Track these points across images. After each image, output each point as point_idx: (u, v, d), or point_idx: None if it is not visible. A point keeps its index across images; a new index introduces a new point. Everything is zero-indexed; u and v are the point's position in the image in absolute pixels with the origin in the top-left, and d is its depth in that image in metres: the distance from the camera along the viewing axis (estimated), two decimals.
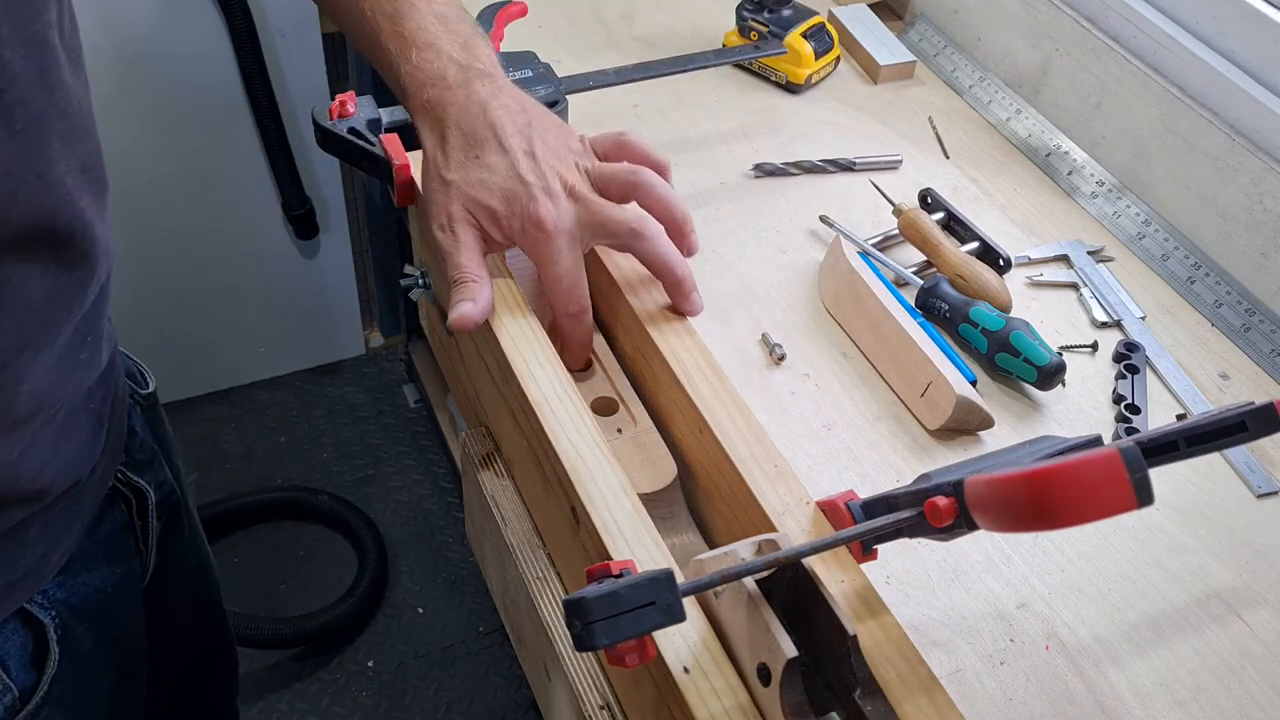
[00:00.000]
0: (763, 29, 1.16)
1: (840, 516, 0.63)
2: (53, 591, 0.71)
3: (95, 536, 0.75)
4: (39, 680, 0.70)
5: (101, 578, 0.76)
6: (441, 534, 1.99)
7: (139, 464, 0.82)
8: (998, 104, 1.16)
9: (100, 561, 0.76)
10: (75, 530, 0.72)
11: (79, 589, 0.73)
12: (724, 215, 1.02)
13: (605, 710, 0.69)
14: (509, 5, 1.06)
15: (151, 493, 0.82)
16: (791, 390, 0.87)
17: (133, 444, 0.81)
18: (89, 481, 0.72)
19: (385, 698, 1.78)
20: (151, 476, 0.83)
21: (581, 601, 0.51)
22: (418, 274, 0.90)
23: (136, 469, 0.81)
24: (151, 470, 0.84)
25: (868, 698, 0.53)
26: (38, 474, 0.65)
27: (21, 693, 0.69)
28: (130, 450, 0.80)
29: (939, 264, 0.95)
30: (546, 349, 0.74)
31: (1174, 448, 0.54)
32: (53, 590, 0.71)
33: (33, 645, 0.70)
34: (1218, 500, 0.82)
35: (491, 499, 0.82)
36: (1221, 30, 0.98)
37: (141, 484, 0.81)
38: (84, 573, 0.74)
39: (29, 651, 0.69)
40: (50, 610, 0.71)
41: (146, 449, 0.84)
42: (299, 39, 1.72)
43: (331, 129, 0.89)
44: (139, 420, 0.84)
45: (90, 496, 0.73)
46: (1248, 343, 0.94)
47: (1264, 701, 0.70)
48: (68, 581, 0.72)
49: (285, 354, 2.16)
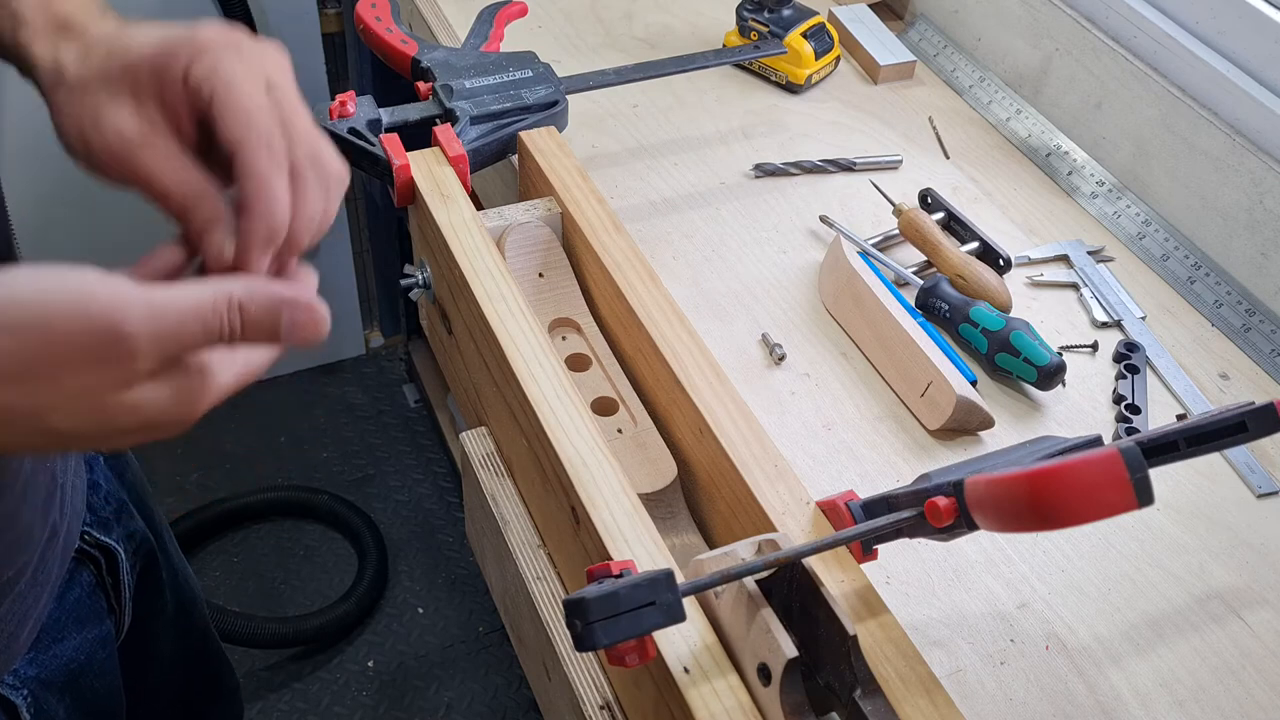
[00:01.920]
0: (763, 29, 1.16)
1: (840, 516, 0.63)
2: (23, 669, 0.68)
3: (64, 604, 0.72)
4: None
5: (73, 646, 0.73)
6: (441, 534, 1.99)
7: (104, 522, 0.78)
8: (998, 104, 1.16)
9: (71, 629, 0.73)
10: (43, 601, 0.68)
11: (50, 662, 0.71)
12: (724, 215, 1.02)
13: (605, 710, 0.69)
14: (509, 5, 1.07)
15: (121, 551, 0.79)
16: (791, 390, 0.87)
17: (96, 500, 0.77)
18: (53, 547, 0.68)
19: (385, 698, 1.77)
20: (121, 530, 0.80)
21: (581, 601, 0.51)
22: (418, 274, 0.91)
23: (103, 527, 0.77)
24: (120, 524, 0.80)
25: (868, 698, 0.53)
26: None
27: None
28: (95, 508, 0.77)
29: (939, 264, 0.95)
30: (547, 349, 0.74)
31: (1174, 448, 0.54)
32: (23, 668, 0.68)
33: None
34: (1218, 500, 0.82)
35: (491, 499, 0.82)
36: (1221, 30, 0.98)
37: (109, 543, 0.77)
38: (54, 644, 0.71)
39: None
40: (22, 690, 0.68)
41: (113, 501, 0.80)
42: (299, 39, 1.72)
43: (332, 129, 0.89)
44: (101, 473, 0.80)
45: (56, 561, 0.69)
46: (1248, 343, 0.94)
47: (1264, 701, 0.70)
48: (39, 657, 0.70)
49: (285, 354, 2.16)
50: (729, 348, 0.90)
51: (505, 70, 0.97)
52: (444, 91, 0.95)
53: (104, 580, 0.78)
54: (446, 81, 0.95)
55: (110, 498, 0.80)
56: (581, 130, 1.09)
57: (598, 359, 0.82)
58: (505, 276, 0.79)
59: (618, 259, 0.81)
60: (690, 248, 0.98)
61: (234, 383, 0.49)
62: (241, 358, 0.49)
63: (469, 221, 0.83)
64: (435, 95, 0.95)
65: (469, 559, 1.94)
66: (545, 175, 0.89)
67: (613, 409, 0.79)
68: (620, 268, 0.81)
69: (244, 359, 0.49)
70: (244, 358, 0.49)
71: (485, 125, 0.93)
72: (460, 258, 0.80)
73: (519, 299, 0.77)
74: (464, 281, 0.79)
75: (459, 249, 0.81)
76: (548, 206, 0.88)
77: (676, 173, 1.06)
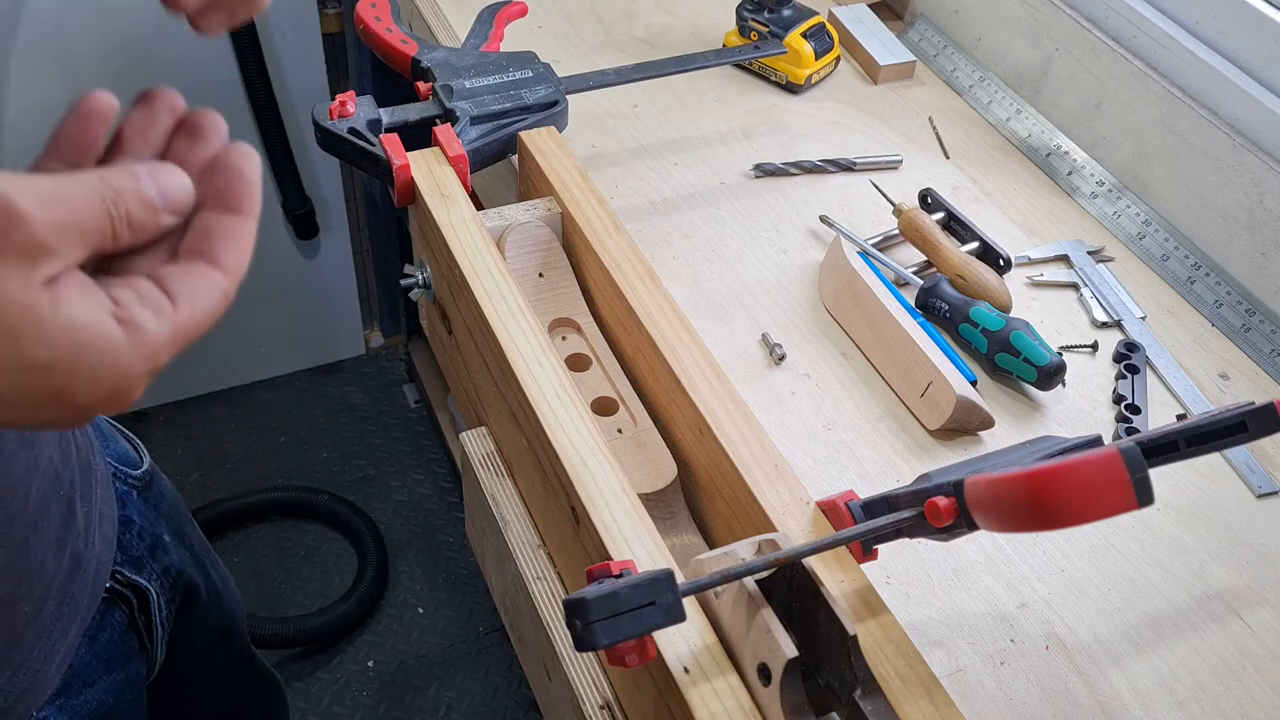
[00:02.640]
0: (763, 29, 1.16)
1: (840, 516, 0.63)
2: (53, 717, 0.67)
3: (96, 646, 0.71)
4: None
5: (103, 690, 0.72)
6: (441, 534, 1.99)
7: (137, 560, 0.77)
8: (998, 104, 1.16)
9: (101, 672, 0.72)
10: (71, 635, 0.67)
11: (81, 707, 0.69)
12: (724, 215, 1.02)
13: (605, 710, 0.69)
14: (509, 5, 1.07)
15: (153, 590, 0.77)
16: (791, 390, 0.87)
17: (128, 537, 0.76)
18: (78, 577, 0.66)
19: (385, 698, 1.78)
20: (156, 567, 0.78)
21: (581, 601, 0.51)
22: (418, 274, 0.91)
23: (135, 566, 0.76)
24: (155, 560, 0.79)
25: (868, 698, 0.53)
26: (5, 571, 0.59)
27: None
28: (126, 546, 0.75)
29: (939, 264, 0.95)
30: (547, 349, 0.74)
31: (1174, 448, 0.54)
32: (53, 715, 0.67)
33: None
34: (1218, 500, 0.82)
35: (491, 499, 0.82)
36: (1221, 30, 0.98)
37: (141, 583, 0.76)
38: (85, 689, 0.70)
39: None
40: None
41: (146, 536, 0.79)
42: (299, 39, 1.72)
43: (332, 129, 0.89)
44: (135, 507, 0.78)
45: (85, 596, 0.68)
46: (1248, 343, 0.94)
47: (1264, 702, 0.70)
48: (69, 702, 0.68)
49: (285, 354, 2.16)
50: (729, 348, 0.90)
51: (505, 70, 0.97)
52: (444, 91, 0.95)
53: (136, 620, 0.76)
54: (446, 81, 0.95)
55: (144, 533, 0.78)
56: (581, 130, 1.09)
57: (598, 359, 0.82)
58: (505, 276, 0.79)
59: (618, 259, 0.81)
60: (690, 248, 0.98)
61: (194, 309, 0.43)
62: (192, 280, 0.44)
63: (469, 221, 0.83)
64: (435, 95, 0.95)
65: (469, 559, 1.94)
66: (545, 175, 0.89)
67: (613, 409, 0.79)
68: (620, 268, 0.81)
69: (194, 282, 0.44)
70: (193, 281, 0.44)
71: (485, 125, 0.93)
72: (460, 258, 0.80)
73: (519, 299, 0.77)
74: (464, 281, 0.79)
75: (459, 249, 0.81)
76: (548, 206, 0.88)
77: (676, 173, 1.06)
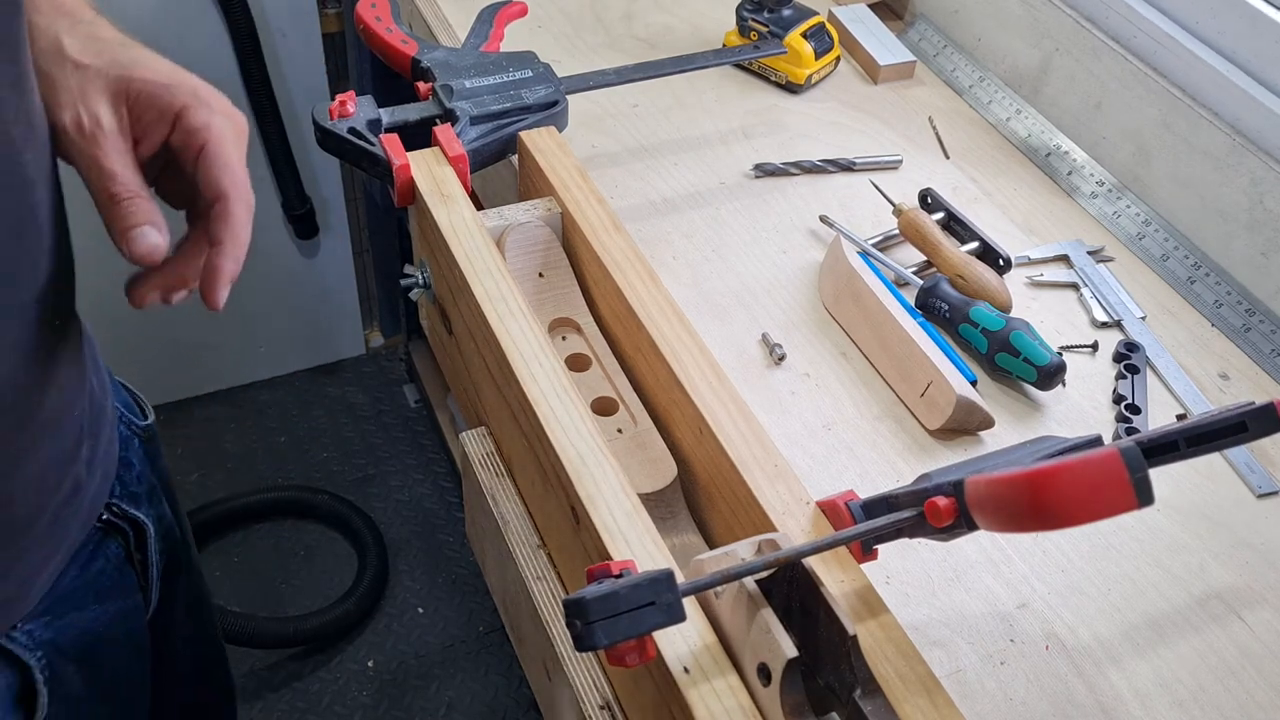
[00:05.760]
0: (763, 29, 1.16)
1: (840, 516, 0.63)
2: (38, 631, 0.68)
3: (87, 573, 0.72)
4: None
5: (91, 617, 0.73)
6: (441, 534, 1.99)
7: (135, 496, 0.78)
8: (998, 104, 1.16)
9: (90, 600, 0.73)
10: (59, 559, 0.69)
11: (67, 629, 0.71)
12: (724, 215, 1.02)
13: (605, 710, 0.69)
14: (509, 5, 1.07)
15: (151, 526, 0.78)
16: (791, 390, 0.87)
17: (128, 476, 0.77)
18: (74, 503, 0.68)
19: (385, 698, 1.78)
20: (151, 510, 0.79)
21: (581, 601, 0.51)
22: (418, 274, 0.91)
23: (133, 501, 0.77)
24: (151, 504, 0.80)
25: (868, 698, 0.53)
26: (6, 475, 0.61)
27: None
28: (125, 482, 0.77)
29: (939, 264, 0.95)
30: (546, 349, 0.74)
31: (1174, 448, 0.54)
32: (38, 630, 0.68)
33: (18, 685, 0.68)
34: (1218, 500, 0.82)
35: (491, 499, 0.82)
36: (1221, 30, 0.98)
37: (138, 516, 0.77)
38: (72, 611, 0.71)
39: (14, 693, 0.67)
40: (36, 651, 0.68)
41: (144, 482, 0.80)
42: (299, 39, 1.72)
43: (332, 129, 0.89)
44: (136, 453, 0.80)
45: (76, 523, 0.70)
46: (1248, 343, 0.94)
47: (1264, 702, 0.70)
48: (54, 622, 0.70)
49: (285, 354, 2.16)
50: (729, 348, 0.90)
51: (505, 70, 0.97)
52: (444, 91, 0.95)
53: (133, 555, 0.78)
54: (446, 81, 0.95)
55: (143, 479, 0.80)
56: (581, 130, 1.09)
57: (598, 359, 0.82)
58: (505, 276, 0.79)
59: (618, 259, 0.81)
60: (690, 248, 0.98)
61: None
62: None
63: (469, 221, 0.83)
64: (435, 95, 0.95)
65: (469, 559, 1.94)
66: (545, 175, 0.89)
67: (613, 409, 0.79)
68: (620, 268, 0.81)
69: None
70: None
71: (485, 125, 0.93)
72: (460, 258, 0.80)
73: (519, 299, 0.77)
74: (464, 281, 0.79)
75: (459, 249, 0.81)
76: (548, 206, 0.88)
77: (676, 173, 1.06)
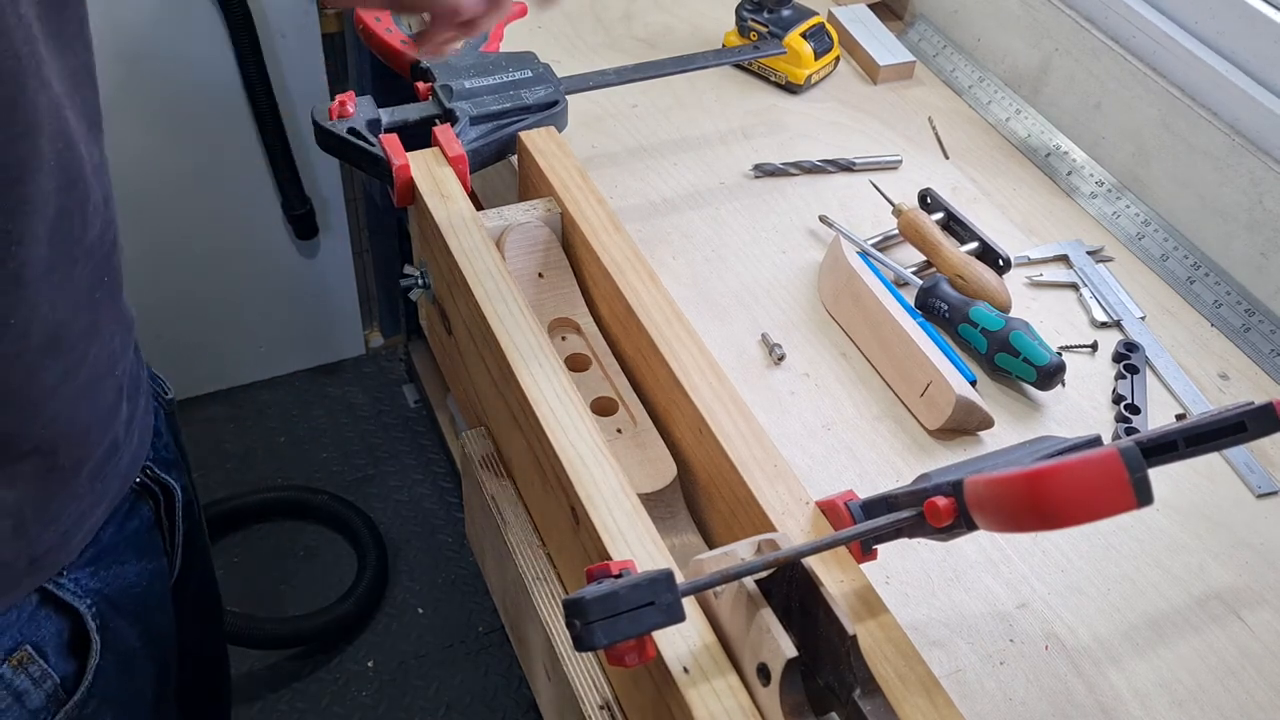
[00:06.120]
0: (762, 29, 1.16)
1: (840, 516, 0.63)
2: (85, 580, 0.70)
3: (124, 531, 0.74)
4: (81, 670, 0.69)
5: (134, 572, 0.75)
6: (441, 534, 1.99)
7: (166, 462, 0.81)
8: (997, 104, 1.16)
9: (130, 556, 0.75)
10: (100, 513, 0.71)
11: (113, 580, 0.73)
12: (724, 215, 1.02)
13: (605, 710, 0.69)
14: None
15: (179, 492, 0.82)
16: (791, 390, 0.87)
17: (159, 443, 0.80)
18: (114, 461, 0.70)
19: (385, 698, 1.77)
20: (178, 477, 0.83)
21: (581, 601, 0.51)
22: (418, 274, 0.91)
23: (164, 467, 0.80)
24: (178, 471, 0.83)
25: (868, 698, 0.53)
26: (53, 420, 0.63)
27: (63, 680, 0.68)
28: (157, 448, 0.80)
29: (939, 264, 0.95)
30: (546, 349, 0.74)
31: (1174, 448, 0.54)
32: (85, 579, 0.70)
33: (69, 632, 0.69)
34: (1218, 500, 0.82)
35: (491, 499, 0.82)
36: (1221, 30, 0.98)
37: (169, 481, 0.80)
38: (115, 565, 0.73)
39: (65, 639, 0.69)
40: (85, 599, 0.70)
41: (172, 451, 0.83)
42: (299, 39, 1.72)
43: (331, 129, 0.89)
44: (163, 424, 0.83)
45: (117, 479, 0.72)
46: (1247, 343, 0.94)
47: (1264, 702, 0.70)
48: (100, 572, 0.72)
49: (285, 354, 2.16)
50: (729, 348, 0.90)
51: (505, 70, 0.97)
52: (444, 92, 0.95)
53: (161, 520, 0.80)
54: (446, 82, 0.95)
55: (169, 448, 0.83)
56: (581, 130, 1.09)
57: (597, 359, 0.82)
58: (505, 276, 0.79)
59: (617, 259, 0.81)
60: (690, 248, 0.98)
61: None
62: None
63: (469, 221, 0.83)
64: (435, 95, 0.95)
65: (469, 559, 1.94)
66: (545, 175, 0.89)
67: (612, 409, 0.79)
68: (620, 268, 0.81)
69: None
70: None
71: (485, 125, 0.93)
72: (460, 258, 0.80)
73: (519, 299, 0.77)
74: (464, 281, 0.79)
75: (459, 249, 0.81)
76: (547, 206, 0.88)
77: (676, 173, 1.06)
